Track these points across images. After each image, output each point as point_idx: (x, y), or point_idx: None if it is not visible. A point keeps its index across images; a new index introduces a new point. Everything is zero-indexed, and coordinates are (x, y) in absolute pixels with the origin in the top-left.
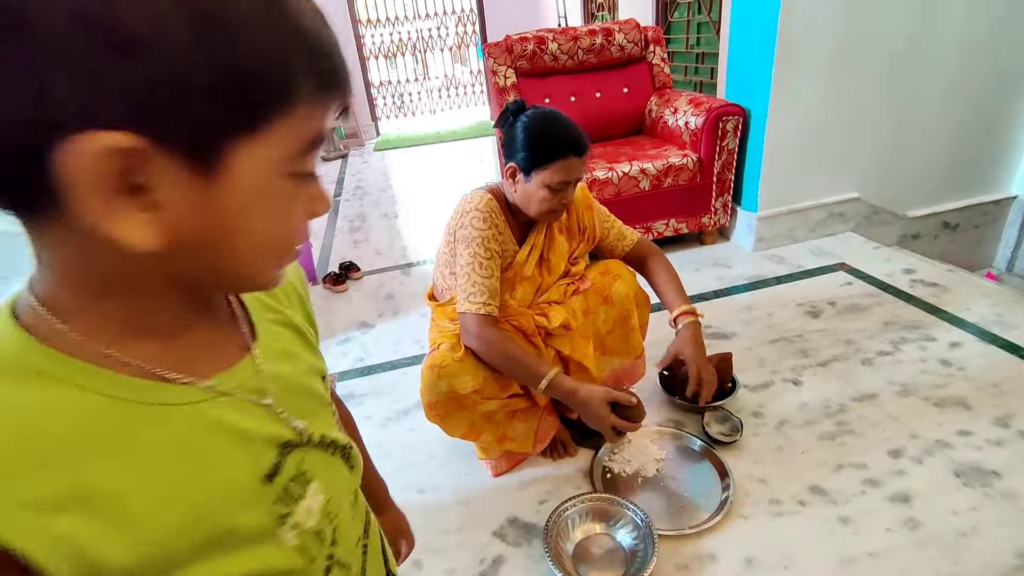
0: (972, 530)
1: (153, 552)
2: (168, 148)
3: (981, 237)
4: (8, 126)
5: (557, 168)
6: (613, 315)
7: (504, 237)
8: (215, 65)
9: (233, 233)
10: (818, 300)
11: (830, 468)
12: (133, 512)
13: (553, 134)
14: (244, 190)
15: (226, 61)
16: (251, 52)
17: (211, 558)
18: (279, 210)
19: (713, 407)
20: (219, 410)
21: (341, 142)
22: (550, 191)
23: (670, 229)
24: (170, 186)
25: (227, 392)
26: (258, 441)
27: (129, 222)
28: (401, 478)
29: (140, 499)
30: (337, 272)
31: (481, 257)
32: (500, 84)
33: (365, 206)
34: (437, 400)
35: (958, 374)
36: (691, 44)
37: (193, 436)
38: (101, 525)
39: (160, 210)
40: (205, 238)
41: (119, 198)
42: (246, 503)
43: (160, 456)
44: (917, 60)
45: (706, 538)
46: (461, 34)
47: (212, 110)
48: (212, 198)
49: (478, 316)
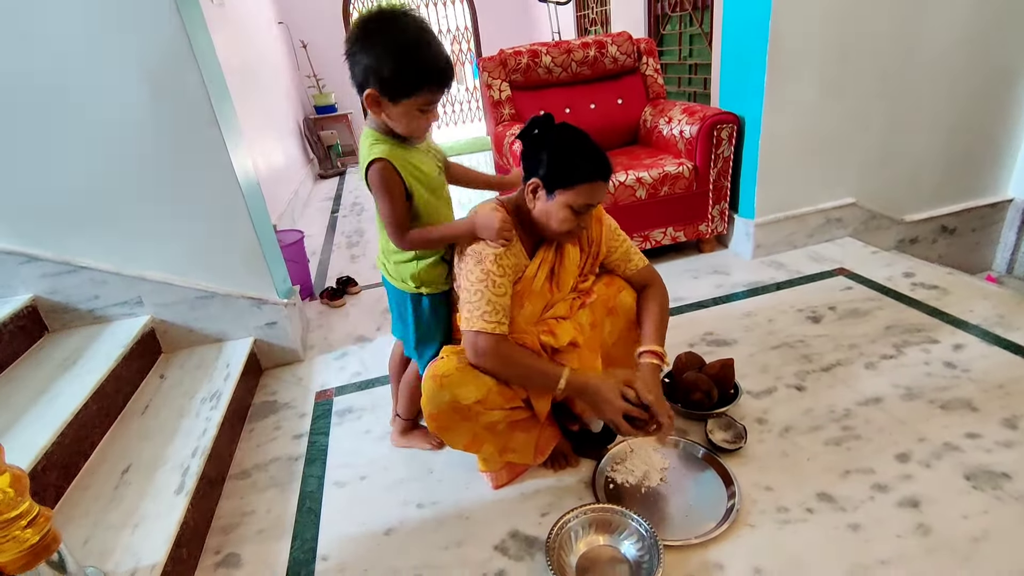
0: (984, 534)
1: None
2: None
3: (979, 240)
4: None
5: (583, 191)
6: (619, 326)
7: (516, 250)
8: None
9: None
10: (819, 305)
11: (837, 474)
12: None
13: (583, 155)
14: (400, 113)
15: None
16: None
17: None
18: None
19: (716, 414)
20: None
21: (339, 160)
22: (572, 212)
23: (668, 238)
24: (378, 104)
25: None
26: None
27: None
28: (399, 493)
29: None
30: (335, 287)
31: (495, 275)
32: (495, 98)
33: (363, 221)
34: (439, 411)
35: (963, 376)
36: (683, 56)
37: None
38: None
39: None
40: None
41: (374, 107)
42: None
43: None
44: (910, 64)
45: (712, 548)
46: (456, 52)
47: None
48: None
49: (493, 336)
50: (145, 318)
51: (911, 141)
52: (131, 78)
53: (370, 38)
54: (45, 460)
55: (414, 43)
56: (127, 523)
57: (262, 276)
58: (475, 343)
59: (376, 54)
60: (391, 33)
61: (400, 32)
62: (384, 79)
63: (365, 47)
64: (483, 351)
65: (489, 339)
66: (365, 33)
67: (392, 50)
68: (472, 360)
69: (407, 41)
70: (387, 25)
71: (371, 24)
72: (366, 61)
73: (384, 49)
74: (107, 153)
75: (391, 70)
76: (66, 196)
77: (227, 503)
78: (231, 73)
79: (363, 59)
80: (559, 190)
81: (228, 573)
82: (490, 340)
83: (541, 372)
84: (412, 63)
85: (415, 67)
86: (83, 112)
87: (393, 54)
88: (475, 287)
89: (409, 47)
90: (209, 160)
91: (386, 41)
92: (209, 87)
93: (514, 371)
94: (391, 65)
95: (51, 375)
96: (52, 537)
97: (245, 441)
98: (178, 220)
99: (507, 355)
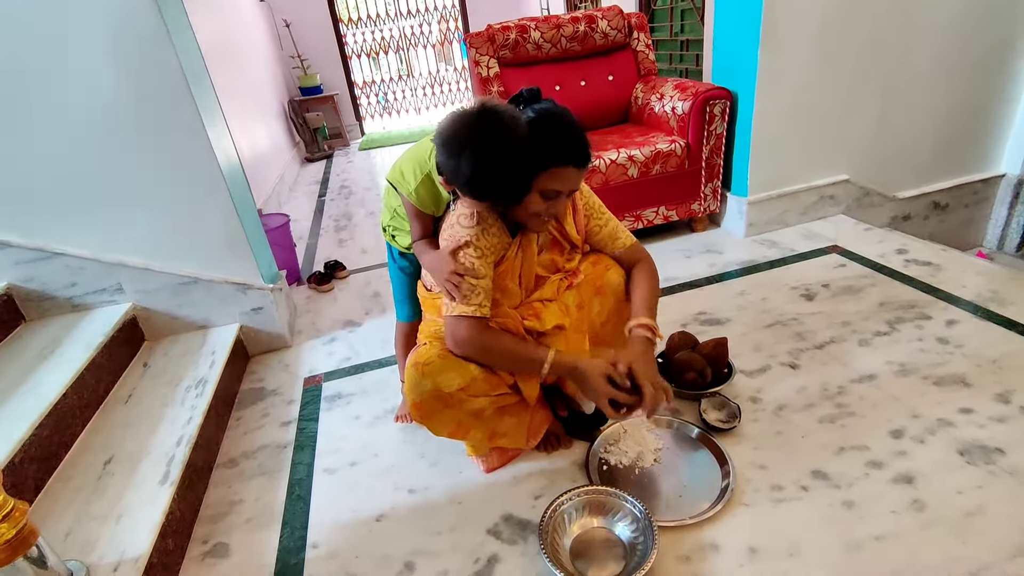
0: (979, 509)
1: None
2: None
3: (971, 217)
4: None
5: (553, 175)
6: (607, 306)
7: (495, 230)
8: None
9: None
10: (812, 283)
11: (831, 451)
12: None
13: (557, 137)
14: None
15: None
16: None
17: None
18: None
19: (710, 393)
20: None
21: (326, 143)
22: (540, 196)
23: (660, 217)
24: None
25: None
26: None
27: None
28: (391, 478)
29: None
30: (322, 271)
31: (472, 258)
32: (483, 75)
33: (351, 205)
34: (422, 399)
35: (956, 352)
36: (675, 31)
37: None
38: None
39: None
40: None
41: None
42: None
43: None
44: (904, 40)
45: (707, 528)
46: (444, 31)
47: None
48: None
49: (472, 320)
50: (126, 305)
51: (905, 117)
52: (98, 56)
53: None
54: (23, 452)
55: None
56: (110, 515)
57: (246, 261)
58: (455, 331)
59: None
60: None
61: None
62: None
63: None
64: (463, 339)
65: (470, 325)
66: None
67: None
68: (452, 349)
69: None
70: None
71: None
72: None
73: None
74: (76, 136)
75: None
76: (37, 180)
77: (215, 492)
78: (209, 52)
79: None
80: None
81: (216, 563)
82: (471, 326)
83: (525, 357)
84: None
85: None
86: (49, 93)
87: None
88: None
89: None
90: (187, 142)
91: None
92: (185, 66)
93: (496, 357)
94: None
95: (29, 365)
96: (29, 531)
97: (232, 429)
98: (157, 204)
99: (488, 343)
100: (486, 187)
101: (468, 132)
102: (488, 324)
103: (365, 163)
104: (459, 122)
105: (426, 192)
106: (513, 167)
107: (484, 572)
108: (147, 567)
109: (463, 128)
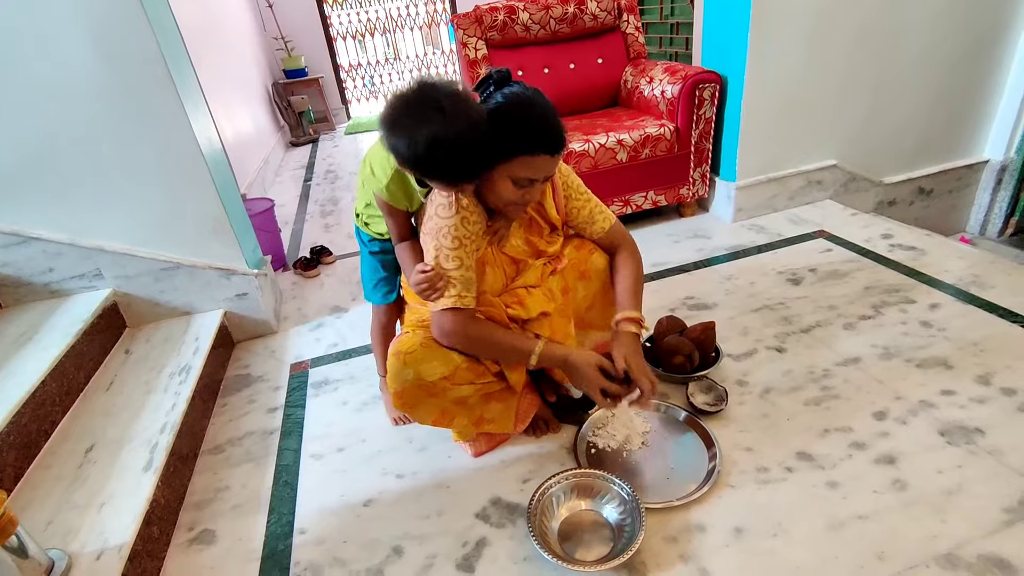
0: (958, 488)
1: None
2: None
3: (955, 202)
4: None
5: (525, 163)
6: (592, 290)
7: (475, 217)
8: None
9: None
10: (799, 267)
11: (816, 433)
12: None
13: (527, 125)
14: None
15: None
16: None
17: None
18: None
19: (697, 377)
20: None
21: (311, 126)
22: (513, 184)
23: (648, 202)
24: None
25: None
26: None
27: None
28: (379, 464)
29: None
30: (308, 257)
31: (447, 249)
32: (471, 56)
33: (336, 190)
34: (404, 388)
35: (939, 335)
36: (665, 14)
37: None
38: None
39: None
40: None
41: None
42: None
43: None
44: (892, 26)
45: (694, 509)
46: (431, 12)
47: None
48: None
49: (456, 312)
50: (106, 291)
51: (893, 102)
52: (73, 36)
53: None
54: (0, 440)
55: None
56: (92, 503)
57: (230, 246)
58: (441, 323)
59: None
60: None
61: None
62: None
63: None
64: (449, 331)
65: (455, 317)
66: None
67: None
68: (439, 340)
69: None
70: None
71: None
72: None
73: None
74: (51, 118)
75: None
76: (9, 162)
77: (200, 479)
78: (190, 34)
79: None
80: (498, 159)
81: (202, 549)
82: (456, 319)
83: (512, 347)
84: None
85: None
86: (22, 75)
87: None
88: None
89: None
90: (166, 124)
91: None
92: (164, 47)
93: (483, 348)
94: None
95: (5, 353)
96: (8, 520)
97: (218, 416)
98: (136, 188)
99: (473, 333)
100: (434, 162)
101: (407, 111)
102: (474, 315)
103: (351, 147)
104: (398, 102)
105: (397, 187)
106: (458, 141)
107: (472, 555)
108: (131, 554)
109: (402, 107)
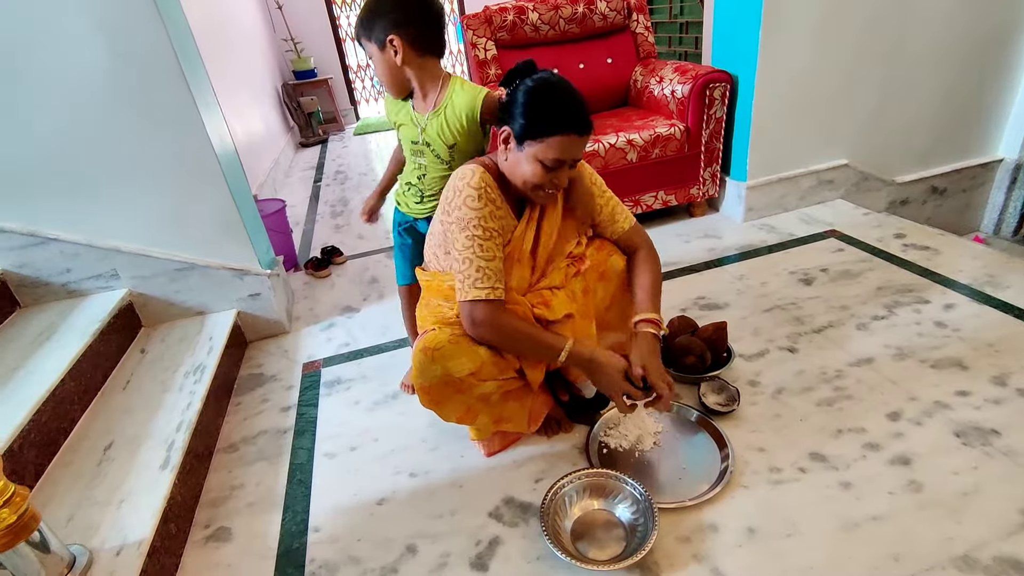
0: (974, 489)
1: None
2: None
3: (968, 201)
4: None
5: (554, 144)
6: (611, 291)
7: (502, 212)
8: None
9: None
10: (810, 267)
11: (829, 434)
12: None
13: (557, 105)
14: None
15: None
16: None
17: None
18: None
19: (709, 377)
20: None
21: (320, 127)
22: (542, 167)
23: (659, 202)
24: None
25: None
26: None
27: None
28: (391, 463)
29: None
30: (319, 257)
31: (480, 239)
32: (480, 57)
33: (346, 191)
34: (431, 385)
35: (953, 335)
36: (675, 13)
37: None
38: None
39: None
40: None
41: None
42: None
43: None
44: (904, 24)
45: (707, 509)
46: None
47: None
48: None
49: (488, 303)
50: (122, 291)
51: (904, 101)
52: (88, 37)
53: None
54: (22, 439)
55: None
56: (112, 500)
57: (243, 246)
58: (471, 313)
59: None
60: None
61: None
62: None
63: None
64: (480, 321)
65: (485, 308)
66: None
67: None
68: (469, 331)
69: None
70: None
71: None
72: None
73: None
74: (66, 120)
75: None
76: (29, 165)
77: (216, 477)
78: (201, 34)
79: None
80: (528, 141)
81: (219, 547)
82: (486, 309)
83: (543, 344)
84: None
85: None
86: (38, 76)
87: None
88: (463, 255)
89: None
90: (180, 125)
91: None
92: (177, 48)
93: (513, 342)
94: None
95: (25, 352)
96: (31, 516)
97: (232, 415)
98: (150, 188)
99: (505, 325)
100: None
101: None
102: (505, 307)
103: (360, 148)
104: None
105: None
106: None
107: (485, 554)
108: (150, 551)
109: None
